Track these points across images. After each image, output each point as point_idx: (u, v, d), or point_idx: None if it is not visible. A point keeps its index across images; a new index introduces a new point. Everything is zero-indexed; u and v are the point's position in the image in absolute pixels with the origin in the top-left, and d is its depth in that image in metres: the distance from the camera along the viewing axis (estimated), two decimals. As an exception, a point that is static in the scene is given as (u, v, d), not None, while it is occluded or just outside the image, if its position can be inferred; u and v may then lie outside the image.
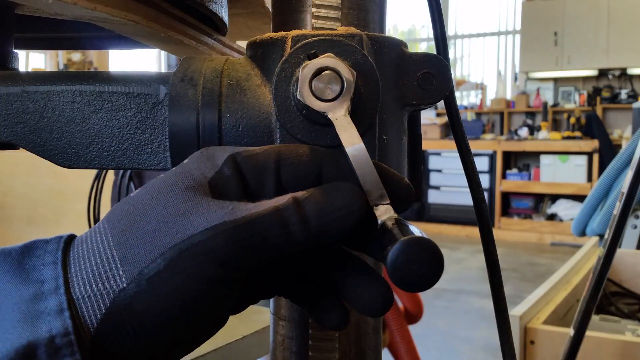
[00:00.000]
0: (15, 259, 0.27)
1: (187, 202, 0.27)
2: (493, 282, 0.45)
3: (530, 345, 0.93)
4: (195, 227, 0.26)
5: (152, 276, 0.26)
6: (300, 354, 0.36)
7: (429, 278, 0.26)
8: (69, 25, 0.53)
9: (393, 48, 0.35)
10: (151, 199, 0.28)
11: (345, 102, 0.30)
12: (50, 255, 0.27)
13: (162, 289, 0.26)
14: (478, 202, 0.44)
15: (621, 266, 1.43)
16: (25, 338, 0.24)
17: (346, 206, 0.27)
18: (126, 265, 0.26)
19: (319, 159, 0.30)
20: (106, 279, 0.26)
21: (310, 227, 0.27)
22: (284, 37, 0.35)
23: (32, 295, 0.26)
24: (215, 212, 0.27)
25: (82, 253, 0.27)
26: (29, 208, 2.20)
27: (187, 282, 0.26)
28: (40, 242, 0.28)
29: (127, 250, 0.27)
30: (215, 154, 0.30)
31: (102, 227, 0.28)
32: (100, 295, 0.26)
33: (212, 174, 0.29)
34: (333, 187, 0.28)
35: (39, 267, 0.27)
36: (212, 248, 0.26)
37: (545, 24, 6.26)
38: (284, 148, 0.30)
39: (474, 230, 5.73)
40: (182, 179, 0.28)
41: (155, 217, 0.27)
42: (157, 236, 0.27)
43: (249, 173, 0.29)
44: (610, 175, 1.95)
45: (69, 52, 5.42)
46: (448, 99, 0.42)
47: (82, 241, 0.28)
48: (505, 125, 6.74)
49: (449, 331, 3.02)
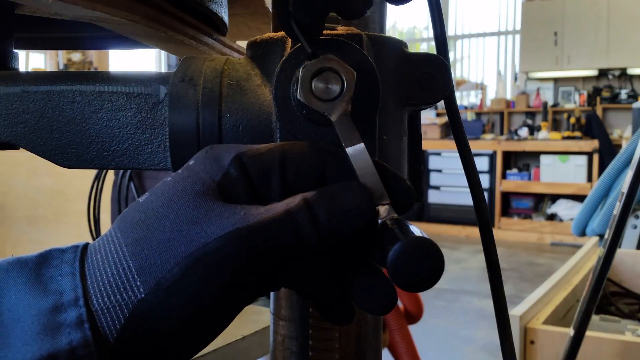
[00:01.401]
0: (32, 269, 0.27)
1: (199, 209, 0.28)
2: (493, 282, 0.45)
3: (530, 345, 0.93)
4: (209, 235, 0.27)
5: (169, 286, 0.26)
6: (300, 354, 0.36)
7: (430, 278, 0.26)
8: (69, 25, 0.52)
9: (393, 48, 0.35)
10: (162, 206, 0.28)
11: (345, 102, 0.31)
12: (67, 265, 0.27)
13: (179, 298, 0.26)
14: (478, 202, 0.44)
15: (621, 266, 1.43)
16: (46, 350, 0.25)
17: (356, 206, 0.28)
18: (143, 276, 0.27)
19: (323, 156, 0.30)
20: (124, 290, 0.26)
21: (322, 230, 0.27)
22: (284, 37, 0.35)
23: (52, 306, 0.26)
24: (228, 219, 0.27)
25: (97, 264, 0.27)
26: (29, 208, 2.20)
27: (203, 289, 0.26)
28: (56, 251, 0.28)
29: (143, 261, 0.27)
30: (221, 154, 0.30)
31: (114, 236, 0.28)
32: (119, 307, 0.26)
33: (220, 176, 0.29)
34: (342, 188, 0.28)
35: (56, 278, 0.27)
36: (226, 255, 0.26)
37: (545, 24, 6.25)
38: (288, 146, 0.30)
39: (474, 230, 5.73)
40: (191, 184, 0.29)
41: (169, 226, 0.27)
42: (172, 245, 0.27)
43: (255, 173, 0.29)
44: (610, 175, 1.95)
45: (69, 52, 5.42)
46: (448, 99, 0.42)
47: (96, 250, 0.28)
48: (505, 125, 6.73)
49: (449, 331, 3.01)
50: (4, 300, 0.26)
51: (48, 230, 2.15)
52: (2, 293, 0.26)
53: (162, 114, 0.37)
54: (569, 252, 4.73)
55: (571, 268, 1.29)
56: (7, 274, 0.27)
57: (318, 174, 0.30)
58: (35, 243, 2.16)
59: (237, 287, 0.27)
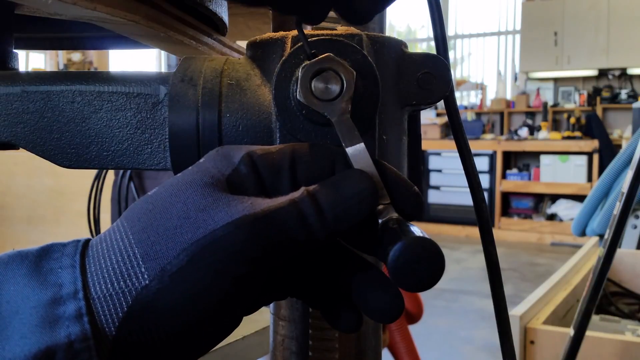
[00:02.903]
0: (32, 261, 0.27)
1: (207, 197, 0.28)
2: (493, 282, 0.44)
3: (530, 345, 0.93)
4: (217, 222, 0.27)
5: (174, 272, 0.26)
6: (300, 354, 0.36)
7: (431, 278, 0.26)
8: (69, 25, 0.52)
9: (393, 48, 0.35)
10: (170, 196, 0.28)
11: (345, 102, 0.31)
12: (67, 258, 0.27)
13: (185, 285, 0.26)
14: (478, 202, 0.44)
15: (621, 266, 1.43)
16: (44, 343, 0.24)
17: (357, 193, 0.28)
18: (148, 262, 0.26)
19: (332, 156, 0.30)
20: (128, 276, 0.26)
21: (326, 217, 0.27)
22: (284, 37, 0.35)
23: (50, 299, 0.25)
24: (236, 207, 0.27)
25: (101, 252, 0.27)
26: (29, 208, 2.20)
27: (210, 277, 0.26)
28: (58, 245, 0.28)
29: (149, 248, 0.27)
30: (231, 152, 0.30)
31: (121, 226, 0.28)
32: (122, 294, 0.26)
33: (230, 171, 0.29)
34: (342, 177, 0.29)
35: (56, 270, 0.26)
36: (233, 242, 0.26)
37: (545, 24, 6.25)
38: (298, 146, 0.30)
39: (474, 230, 5.73)
40: (200, 176, 0.29)
41: (176, 214, 0.27)
42: (179, 232, 0.27)
43: (265, 171, 0.30)
44: (610, 175, 1.95)
45: (69, 52, 5.42)
46: (448, 99, 0.42)
47: (101, 240, 0.28)
48: (505, 125, 6.73)
49: (449, 331, 3.01)
50: (2, 292, 0.26)
51: (48, 230, 2.15)
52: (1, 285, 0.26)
53: (161, 114, 0.37)
54: (569, 252, 4.73)
55: (571, 268, 1.29)
56: (7, 266, 0.27)
57: (328, 173, 0.30)
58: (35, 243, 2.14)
59: (244, 277, 0.27)
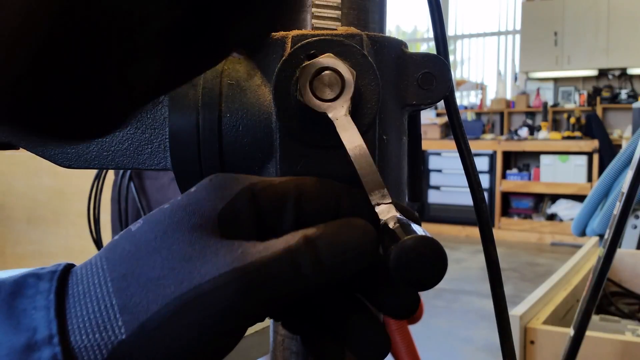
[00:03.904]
0: (5, 299, 0.25)
1: (194, 244, 0.26)
2: (493, 282, 0.44)
3: (530, 345, 0.93)
4: (203, 275, 0.25)
5: (154, 329, 0.25)
6: (300, 354, 0.36)
7: (432, 277, 0.26)
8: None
9: (393, 48, 0.35)
10: (155, 239, 0.26)
11: (345, 102, 0.30)
12: (42, 297, 0.25)
13: (164, 341, 0.25)
14: (478, 202, 0.44)
15: (621, 266, 1.43)
16: None
17: (359, 245, 0.27)
18: (126, 315, 0.25)
19: (338, 192, 0.29)
20: (104, 329, 0.25)
21: (324, 268, 0.26)
22: (284, 37, 0.35)
23: (24, 345, 0.24)
24: (224, 257, 0.25)
25: (78, 296, 0.26)
26: (29, 208, 2.20)
27: (193, 334, 0.25)
28: (32, 278, 0.26)
29: (128, 300, 0.25)
30: (227, 183, 0.28)
31: (100, 267, 0.27)
32: (97, 347, 0.25)
33: (223, 204, 0.28)
34: (345, 225, 0.27)
35: (30, 312, 0.25)
36: (220, 299, 0.25)
37: (545, 24, 6.25)
38: (302, 181, 0.29)
39: (474, 230, 5.73)
40: (188, 215, 0.27)
41: (160, 263, 0.26)
42: (161, 284, 0.25)
43: (267, 205, 0.28)
44: (610, 175, 1.95)
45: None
46: (448, 99, 0.42)
47: (78, 281, 0.26)
48: (505, 125, 6.73)
49: (449, 331, 3.01)
50: None
51: (48, 230, 2.15)
52: None
53: (162, 114, 0.37)
54: (569, 252, 4.73)
55: (571, 268, 1.29)
56: None
57: (332, 211, 0.29)
58: (35, 243, 2.16)
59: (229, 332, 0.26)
